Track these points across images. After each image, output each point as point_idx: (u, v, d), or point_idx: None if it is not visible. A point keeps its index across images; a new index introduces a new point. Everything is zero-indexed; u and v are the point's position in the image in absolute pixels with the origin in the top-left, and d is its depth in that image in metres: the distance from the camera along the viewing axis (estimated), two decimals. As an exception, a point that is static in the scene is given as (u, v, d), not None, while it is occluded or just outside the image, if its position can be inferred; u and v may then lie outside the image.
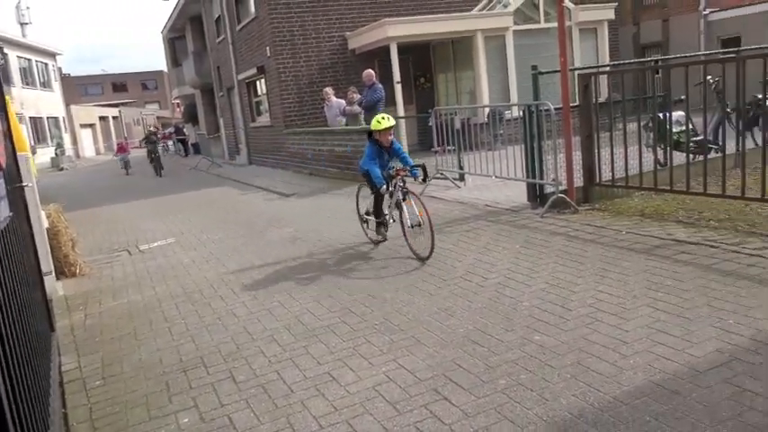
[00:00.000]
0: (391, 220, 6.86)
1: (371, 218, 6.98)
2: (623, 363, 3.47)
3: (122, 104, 63.61)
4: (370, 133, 6.66)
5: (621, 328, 3.94)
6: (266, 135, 19.17)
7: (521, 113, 8.33)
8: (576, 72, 8.38)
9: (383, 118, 6.50)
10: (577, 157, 7.54)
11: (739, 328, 3.71)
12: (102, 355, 4.79)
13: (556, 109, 7.53)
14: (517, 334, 4.06)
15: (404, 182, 6.51)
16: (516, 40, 16.09)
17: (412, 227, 6.26)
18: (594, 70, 8.47)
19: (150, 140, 23.92)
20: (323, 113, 15.21)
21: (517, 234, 6.69)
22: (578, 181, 7.54)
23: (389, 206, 6.74)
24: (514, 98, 15.75)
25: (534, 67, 7.76)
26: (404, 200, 6.41)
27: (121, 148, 26.50)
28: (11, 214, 3.38)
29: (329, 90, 14.33)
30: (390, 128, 6.47)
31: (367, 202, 7.14)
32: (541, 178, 7.80)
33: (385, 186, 6.44)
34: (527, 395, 3.25)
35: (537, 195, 7.91)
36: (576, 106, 7.67)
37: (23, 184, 5.00)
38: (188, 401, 3.78)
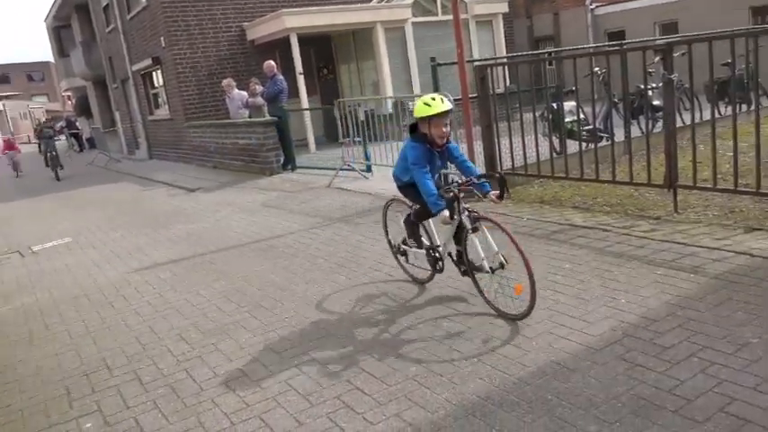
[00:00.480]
0: (446, 256, 4.64)
1: (413, 247, 4.86)
2: (527, 345, 3.63)
3: (6, 97, 59.37)
4: (413, 127, 4.36)
5: (524, 309, 4.12)
6: (166, 128, 18.50)
7: (423, 104, 8.48)
8: (474, 63, 8.63)
9: (433, 98, 4.14)
10: (478, 146, 7.78)
11: (630, 306, 3.96)
12: (-6, 363, 4.51)
13: (456, 100, 7.73)
14: (425, 323, 4.17)
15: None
16: (416, 31, 16.33)
17: (492, 270, 4.10)
18: (491, 62, 8.76)
19: (45, 135, 20.49)
20: (225, 106, 14.86)
21: (423, 223, 6.82)
22: (481, 170, 7.77)
23: (447, 239, 4.52)
24: (417, 89, 15.99)
25: (433, 59, 7.92)
26: (474, 230, 4.18)
27: (9, 146, 22.04)
28: None
29: (230, 81, 14.00)
30: (447, 112, 4.12)
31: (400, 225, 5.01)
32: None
33: (447, 212, 4.24)
34: (437, 381, 3.35)
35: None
36: (475, 97, 7.90)
37: None
38: (91, 406, 3.64)
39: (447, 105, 4.07)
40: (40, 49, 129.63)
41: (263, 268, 5.96)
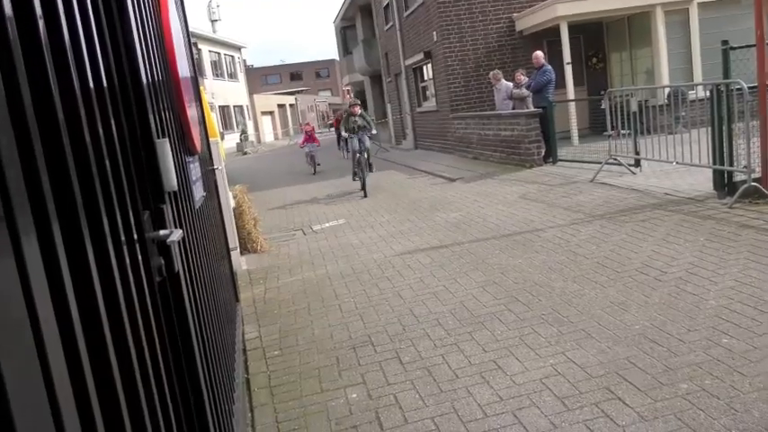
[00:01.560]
0: None
1: None
2: (831, 375, 3.07)
3: (298, 92, 67.43)
4: None
5: (829, 335, 3.49)
6: (432, 120, 19.35)
7: (707, 94, 7.63)
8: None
9: None
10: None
11: None
12: (280, 326, 5.15)
13: (750, 88, 6.80)
14: (701, 335, 3.75)
15: None
16: (701, 13, 14.73)
17: None
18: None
19: (351, 127, 12.78)
20: (489, 98, 15.03)
21: (701, 225, 6.16)
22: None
23: None
24: (698, 77, 14.46)
25: (725, 42, 7.06)
26: None
27: (309, 137, 19.15)
28: (205, 194, 3.72)
29: (498, 73, 14.10)
30: None
31: None
32: (731, 165, 7.10)
33: None
34: (712, 403, 2.99)
35: (725, 184, 7.22)
36: (775, 85, 6.87)
37: (215, 167, 5.48)
38: (357, 377, 3.94)
39: None
40: (328, 48, 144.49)
41: (521, 262, 5.90)
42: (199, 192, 3.36)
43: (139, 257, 1.44)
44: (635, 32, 15.86)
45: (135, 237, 1.42)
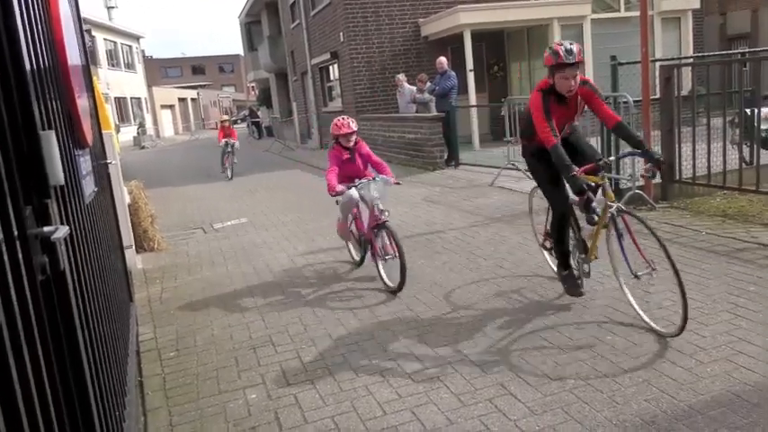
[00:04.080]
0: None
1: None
2: (700, 370, 3.34)
3: (200, 87, 65.52)
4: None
5: (699, 333, 3.79)
6: (337, 120, 19.35)
7: (598, 105, 8.09)
8: (658, 63, 8.06)
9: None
10: (657, 151, 7.26)
11: (828, 339, 3.50)
12: (177, 327, 4.99)
13: (635, 101, 7.28)
14: (588, 332, 3.97)
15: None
16: (594, 29, 15.61)
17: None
18: (677, 62, 8.13)
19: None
20: (395, 100, 15.22)
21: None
22: (656, 177, 7.27)
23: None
24: (591, 89, 15.28)
25: (614, 58, 7.52)
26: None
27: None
28: (96, 189, 3.54)
29: (402, 77, 14.31)
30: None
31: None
32: (617, 173, 7.56)
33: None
34: (596, 396, 3.18)
35: (612, 191, 7.67)
36: (657, 99, 7.39)
37: (108, 161, 5.23)
38: (256, 378, 3.89)
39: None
40: (232, 43, 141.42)
41: (423, 263, 6.02)
42: (89, 186, 3.20)
43: (20, 255, 1.35)
44: (534, 43, 16.58)
45: (15, 233, 1.34)
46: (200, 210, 10.91)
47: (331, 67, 19.64)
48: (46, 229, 1.59)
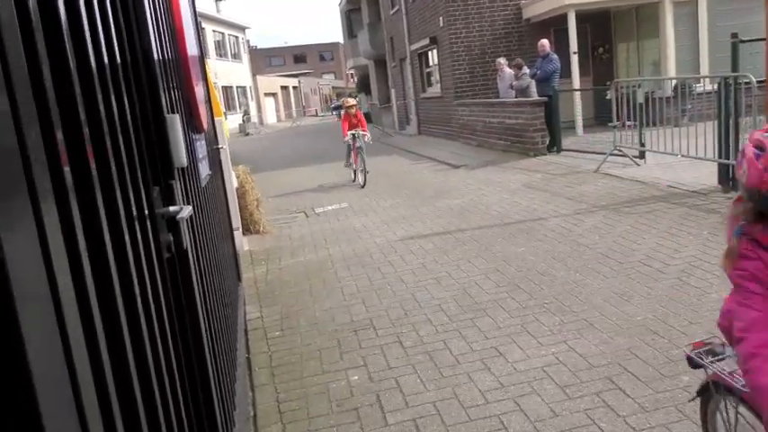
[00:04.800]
0: None
1: None
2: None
3: (301, 75, 67.16)
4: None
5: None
6: (436, 106, 19.27)
7: (714, 87, 7.59)
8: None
9: None
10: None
11: None
12: (281, 308, 5.16)
13: (758, 82, 6.77)
14: (704, 327, 3.75)
15: None
16: (711, 5, 14.60)
17: None
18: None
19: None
20: (494, 85, 14.95)
21: (705, 219, 6.15)
22: (781, 163, 6.76)
23: None
24: (705, 69, 14.36)
25: (734, 35, 7.01)
26: None
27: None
28: (210, 173, 3.71)
29: (502, 61, 14.02)
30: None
31: None
32: (736, 159, 7.07)
33: None
34: (713, 394, 3.00)
35: (730, 178, 7.20)
36: (781, 80, 6.85)
37: (219, 146, 5.46)
38: (358, 360, 3.95)
39: None
40: (332, 31, 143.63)
41: (524, 250, 5.90)
42: (205, 170, 3.35)
43: (150, 233, 1.43)
44: (642, 23, 15.74)
45: (146, 212, 1.42)
46: (302, 194, 11.20)
47: (430, 53, 19.53)
48: (171, 208, 1.68)
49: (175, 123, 1.78)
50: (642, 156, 9.63)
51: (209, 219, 3.25)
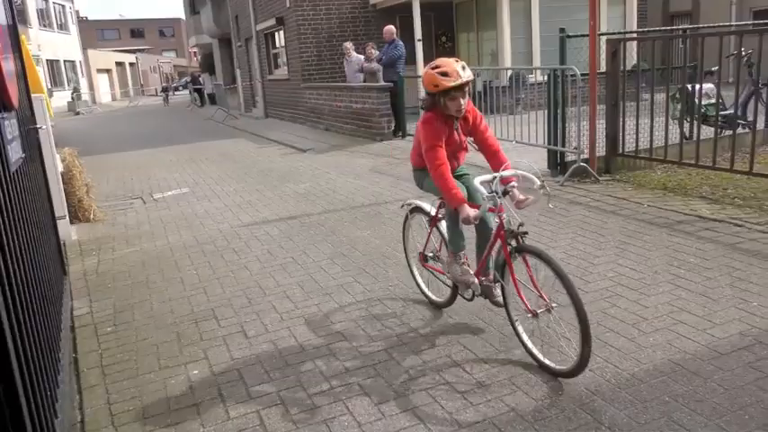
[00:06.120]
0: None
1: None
2: (642, 340, 3.40)
3: (139, 51, 63.12)
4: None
5: (641, 303, 3.86)
6: (283, 88, 18.95)
7: (545, 78, 8.12)
8: (605, 37, 8.12)
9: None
10: (601, 125, 7.37)
11: (763, 311, 3.61)
12: (114, 301, 4.79)
13: (582, 75, 7.33)
14: (534, 303, 3.99)
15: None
16: (542, 2, 15.64)
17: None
18: (623, 36, 8.21)
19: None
20: (342, 69, 14.96)
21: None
22: (600, 150, 7.40)
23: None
24: (537, 62, 15.39)
25: (562, 30, 7.52)
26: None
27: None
28: (23, 156, 3.31)
29: (349, 45, 14.06)
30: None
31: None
32: (563, 145, 7.64)
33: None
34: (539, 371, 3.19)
35: (558, 163, 7.76)
36: (603, 73, 7.46)
37: (37, 126, 4.92)
38: (198, 353, 3.76)
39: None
40: (173, 6, 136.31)
41: (369, 233, 5.95)
42: (16, 153, 2.97)
43: None
44: (482, 15, 16.52)
45: None
46: (139, 178, 10.52)
47: (277, 34, 19.12)
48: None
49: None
50: (480, 142, 10.07)
51: (21, 208, 2.89)
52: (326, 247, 5.67)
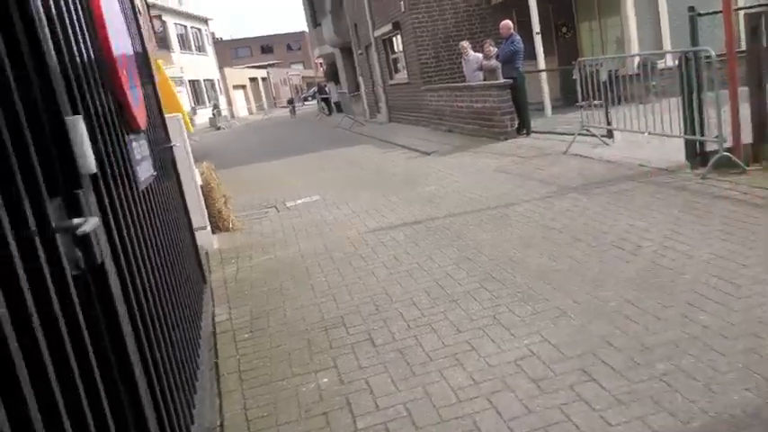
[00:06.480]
0: None
1: None
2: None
3: (270, 66, 66.37)
4: None
5: (805, 309, 3.43)
6: (404, 92, 19.09)
7: (676, 62, 7.53)
8: (742, 12, 7.36)
9: None
10: (745, 110, 6.68)
11: None
12: (251, 308, 4.99)
13: (718, 56, 6.70)
14: (677, 311, 3.66)
15: None
16: (670, -22, 14.58)
17: None
18: (765, 8, 7.43)
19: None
20: (460, 69, 14.80)
21: (674, 197, 6.09)
22: (746, 137, 6.70)
23: None
24: (668, 45, 14.36)
25: (691, 9, 6.92)
26: None
27: None
28: (154, 173, 3.51)
29: (466, 44, 13.86)
30: None
31: None
32: (702, 134, 7.02)
33: None
34: (690, 384, 2.90)
35: (697, 154, 7.14)
36: (743, 52, 6.78)
37: (171, 144, 5.24)
38: (328, 361, 3.81)
39: None
40: (298, 20, 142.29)
41: (496, 237, 5.79)
42: (145, 172, 3.15)
43: (40, 251, 1.27)
44: (603, 1, 15.70)
45: (33, 229, 1.25)
46: (273, 188, 10.99)
47: (394, 39, 19.30)
48: (75, 221, 1.51)
49: (78, 126, 1.60)
50: (610, 135, 9.58)
51: (152, 224, 3.05)
52: (452, 251, 5.58)
